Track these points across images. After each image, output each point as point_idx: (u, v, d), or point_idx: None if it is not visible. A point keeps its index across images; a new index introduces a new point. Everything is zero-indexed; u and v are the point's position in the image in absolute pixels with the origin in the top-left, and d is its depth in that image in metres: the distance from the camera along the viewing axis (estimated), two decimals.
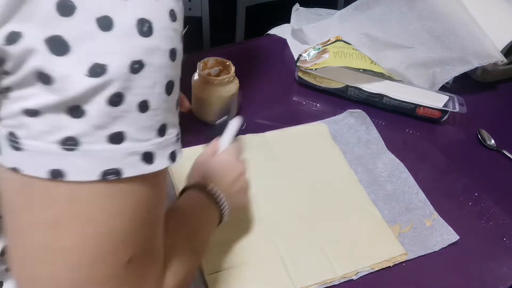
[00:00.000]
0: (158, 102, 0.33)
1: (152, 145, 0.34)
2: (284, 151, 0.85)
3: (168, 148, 0.36)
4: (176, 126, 0.37)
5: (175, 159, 0.37)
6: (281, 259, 0.68)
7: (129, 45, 0.30)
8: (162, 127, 0.34)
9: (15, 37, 0.28)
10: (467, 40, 0.98)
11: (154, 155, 0.34)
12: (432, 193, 0.80)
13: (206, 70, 0.86)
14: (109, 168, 0.32)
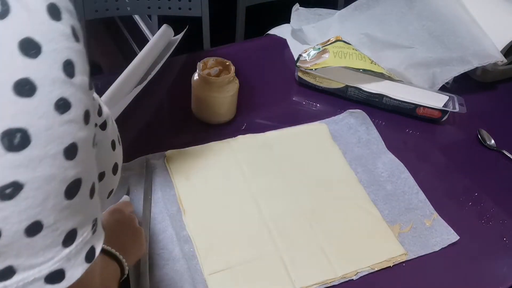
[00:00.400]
0: (56, 216, 0.28)
1: (57, 262, 0.29)
2: (284, 151, 0.85)
3: (83, 250, 0.30)
4: (92, 216, 0.31)
5: (93, 256, 0.31)
6: (281, 259, 0.68)
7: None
8: (69, 235, 0.29)
9: None
10: (467, 40, 0.98)
11: (64, 270, 0.29)
12: (432, 193, 0.80)
13: (206, 70, 0.86)
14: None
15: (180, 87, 0.94)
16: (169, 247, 0.68)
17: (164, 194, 0.75)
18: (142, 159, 0.79)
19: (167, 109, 0.94)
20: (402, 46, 1.02)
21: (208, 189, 0.76)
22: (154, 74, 0.92)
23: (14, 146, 0.25)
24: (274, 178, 0.80)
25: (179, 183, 0.77)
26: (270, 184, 0.79)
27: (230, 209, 0.74)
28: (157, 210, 0.72)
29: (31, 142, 0.25)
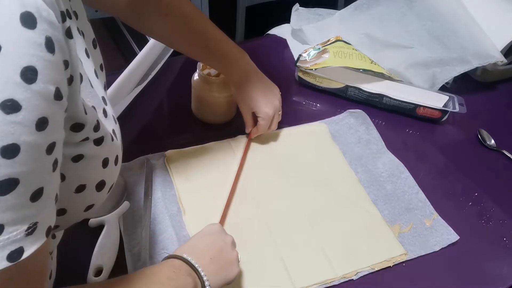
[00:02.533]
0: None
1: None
2: (284, 151, 0.85)
3: (8, 248, 0.30)
4: (30, 219, 0.31)
5: (18, 258, 0.31)
6: (281, 259, 0.68)
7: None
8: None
9: None
10: (467, 40, 0.98)
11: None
12: (432, 193, 0.80)
13: (206, 70, 0.86)
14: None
15: (180, 87, 0.94)
16: (169, 247, 0.68)
17: (164, 194, 0.75)
18: (142, 159, 0.79)
19: (167, 109, 0.94)
20: (402, 46, 1.02)
21: (208, 189, 0.76)
22: (154, 74, 0.92)
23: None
24: (274, 178, 0.80)
25: (179, 183, 0.77)
26: (270, 184, 0.79)
27: (230, 209, 0.74)
28: (157, 210, 0.72)
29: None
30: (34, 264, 0.33)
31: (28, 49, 0.28)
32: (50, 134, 0.30)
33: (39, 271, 0.35)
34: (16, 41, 0.27)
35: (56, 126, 0.31)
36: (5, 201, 0.29)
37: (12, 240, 0.30)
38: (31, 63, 0.28)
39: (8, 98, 0.27)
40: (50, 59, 0.29)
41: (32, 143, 0.29)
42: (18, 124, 0.28)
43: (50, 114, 0.30)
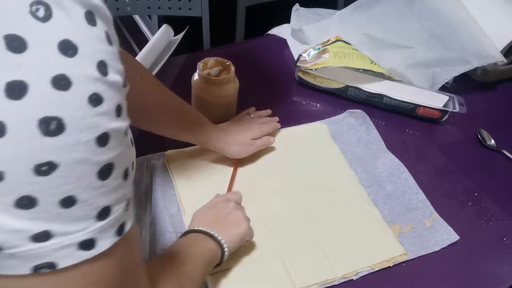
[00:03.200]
0: (90, 193, 0.31)
1: (90, 232, 0.32)
2: (284, 151, 0.85)
3: (115, 225, 0.34)
4: (126, 197, 0.35)
5: (123, 231, 0.35)
6: (281, 259, 0.68)
7: (29, 149, 0.28)
8: (103, 211, 0.33)
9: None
10: (467, 40, 0.98)
11: (94, 240, 0.33)
12: (432, 193, 0.80)
13: (206, 70, 0.86)
14: (40, 263, 0.31)
15: (180, 87, 0.94)
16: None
17: (164, 194, 0.75)
18: (142, 159, 0.79)
19: None
20: (402, 46, 1.02)
21: (208, 189, 0.76)
22: (154, 74, 0.92)
23: (50, 132, 0.28)
24: (274, 178, 0.80)
25: (179, 183, 0.77)
26: (270, 184, 0.79)
27: None
28: (157, 210, 0.72)
29: (65, 130, 0.29)
30: (132, 233, 0.37)
31: (97, 45, 0.31)
32: (124, 118, 0.34)
33: (135, 238, 0.39)
34: (88, 39, 0.30)
35: (126, 111, 0.34)
36: (107, 185, 0.32)
37: (118, 218, 0.34)
38: (102, 57, 0.31)
39: (93, 93, 0.30)
40: (112, 51, 0.32)
41: (116, 129, 0.32)
42: (104, 114, 0.31)
43: (122, 101, 0.33)
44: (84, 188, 0.31)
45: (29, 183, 0.29)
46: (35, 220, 0.30)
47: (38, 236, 0.30)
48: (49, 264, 0.31)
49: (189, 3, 1.13)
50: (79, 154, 0.30)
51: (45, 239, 0.30)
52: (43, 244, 0.30)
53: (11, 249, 0.30)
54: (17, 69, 0.27)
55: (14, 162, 0.28)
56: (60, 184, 0.30)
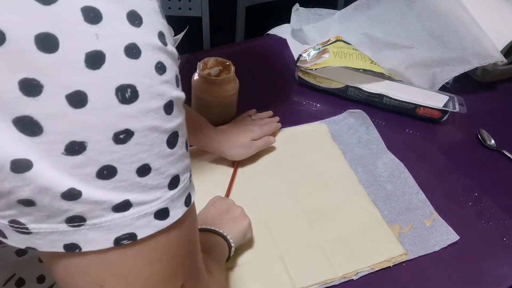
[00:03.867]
0: (161, 161, 0.32)
1: (164, 201, 0.33)
2: (284, 151, 0.85)
3: (183, 195, 0.35)
4: (189, 167, 0.36)
5: (190, 202, 0.36)
6: (281, 259, 0.68)
7: (108, 117, 0.29)
8: (173, 180, 0.34)
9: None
10: (467, 40, 0.98)
11: (168, 209, 0.34)
12: (432, 193, 0.80)
13: (206, 70, 0.86)
14: (121, 234, 0.32)
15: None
16: None
17: None
18: None
19: None
20: (402, 46, 1.02)
21: (208, 189, 0.76)
22: None
23: (126, 99, 0.29)
24: (274, 178, 0.80)
25: None
26: (270, 184, 0.79)
27: None
28: None
29: (139, 97, 0.30)
30: (194, 206, 0.38)
31: (156, 17, 0.32)
32: (181, 89, 0.34)
33: (195, 213, 0.40)
34: (149, 11, 0.31)
35: (180, 83, 0.35)
36: (174, 154, 0.33)
37: (185, 188, 0.35)
38: (160, 28, 0.31)
39: (158, 61, 0.31)
40: (165, 24, 0.33)
41: (178, 98, 0.33)
42: (168, 82, 0.32)
43: (178, 72, 0.34)
44: (156, 156, 0.32)
45: (109, 152, 0.29)
46: (115, 190, 0.30)
47: (119, 206, 0.31)
48: (130, 235, 0.32)
49: (189, 3, 1.13)
50: (151, 121, 0.30)
51: (125, 209, 0.31)
52: (124, 213, 0.31)
53: (94, 219, 0.30)
54: (95, 39, 0.28)
55: (95, 131, 0.29)
56: (136, 152, 0.30)
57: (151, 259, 0.34)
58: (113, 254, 0.32)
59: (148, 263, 0.34)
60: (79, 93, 0.28)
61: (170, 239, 0.35)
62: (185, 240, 0.37)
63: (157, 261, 0.34)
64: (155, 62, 0.31)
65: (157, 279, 0.35)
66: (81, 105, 0.28)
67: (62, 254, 0.32)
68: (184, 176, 0.35)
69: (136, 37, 0.30)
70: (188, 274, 0.38)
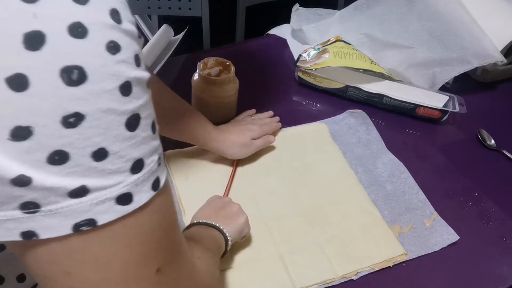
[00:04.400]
0: (120, 145, 0.31)
1: (126, 186, 0.32)
2: (284, 151, 0.85)
3: (150, 179, 0.34)
4: (157, 150, 0.35)
5: (158, 186, 0.35)
6: (281, 259, 0.68)
7: (54, 100, 0.28)
8: (136, 164, 0.32)
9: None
10: (467, 40, 0.98)
11: (131, 194, 0.32)
12: (432, 193, 0.80)
13: (206, 70, 0.86)
14: (79, 220, 0.31)
15: (180, 87, 0.94)
16: None
17: None
18: None
19: None
20: (402, 46, 1.02)
21: (208, 189, 0.76)
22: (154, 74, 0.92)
23: (73, 81, 0.28)
24: (274, 178, 0.80)
25: (179, 183, 0.77)
26: (270, 184, 0.79)
27: None
28: None
29: (88, 78, 0.28)
30: (167, 189, 0.37)
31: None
32: (144, 69, 0.33)
33: (170, 194, 0.38)
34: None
35: (144, 62, 0.33)
36: (137, 136, 0.32)
37: (152, 171, 0.34)
38: (113, 5, 0.30)
39: (110, 40, 0.29)
40: (122, 1, 0.31)
41: (138, 78, 0.31)
42: (124, 62, 0.30)
43: (139, 51, 0.32)
44: (114, 139, 0.30)
45: (58, 137, 0.28)
46: (70, 175, 0.29)
47: (75, 192, 0.30)
48: (89, 220, 0.31)
49: (189, 3, 1.13)
50: (105, 103, 0.29)
51: (82, 194, 0.30)
52: (81, 199, 0.30)
53: (49, 205, 0.30)
54: (32, 19, 0.27)
55: (41, 116, 0.27)
56: (89, 135, 0.29)
57: (118, 245, 0.33)
58: (75, 240, 0.31)
59: (116, 249, 0.33)
60: (20, 76, 0.27)
61: (138, 224, 0.34)
62: (156, 225, 0.36)
63: (126, 246, 0.34)
64: (106, 41, 0.29)
65: (128, 265, 0.34)
66: (22, 88, 0.27)
67: (28, 244, 0.31)
68: (150, 159, 0.34)
69: (82, 16, 0.28)
70: (164, 258, 0.37)
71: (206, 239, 0.58)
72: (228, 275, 0.66)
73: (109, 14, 0.30)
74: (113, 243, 0.33)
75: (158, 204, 0.35)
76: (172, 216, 0.39)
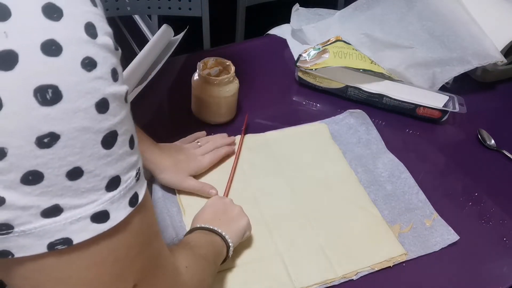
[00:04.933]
0: (95, 163, 0.30)
1: (101, 204, 0.31)
2: (284, 151, 0.85)
3: (127, 196, 0.33)
4: (135, 166, 0.34)
5: (136, 202, 0.34)
6: (281, 259, 0.68)
7: (28, 121, 0.27)
8: (111, 182, 0.32)
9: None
10: (467, 40, 0.98)
11: (108, 211, 0.32)
12: (432, 193, 0.80)
13: (206, 70, 0.86)
14: (54, 239, 0.30)
15: (180, 87, 0.94)
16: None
17: (164, 194, 0.75)
18: None
19: (167, 109, 0.94)
20: (402, 46, 1.02)
21: None
22: (154, 74, 0.92)
23: (47, 101, 0.27)
24: (274, 178, 0.80)
25: None
26: (270, 184, 0.79)
27: None
28: (157, 210, 0.72)
29: (63, 97, 0.28)
30: (146, 203, 0.36)
31: (81, 6, 0.29)
32: (122, 83, 0.32)
33: (150, 208, 0.38)
34: (71, 1, 0.29)
35: (122, 75, 0.32)
36: (113, 154, 0.31)
37: (129, 187, 0.33)
38: (88, 19, 0.29)
39: (86, 56, 0.29)
40: (98, 13, 0.30)
41: (115, 94, 0.31)
42: (100, 78, 0.29)
43: (117, 64, 0.31)
44: (89, 158, 0.30)
45: (33, 157, 0.28)
46: (43, 195, 0.29)
47: (48, 211, 0.29)
48: (64, 239, 0.30)
49: (189, 3, 1.13)
50: (80, 122, 0.29)
51: (56, 214, 0.30)
52: (55, 219, 0.30)
53: (23, 225, 0.29)
54: (4, 38, 0.26)
55: (15, 137, 0.27)
56: (64, 155, 0.29)
57: (92, 263, 0.33)
58: (50, 259, 0.31)
59: (90, 266, 0.33)
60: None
61: (113, 241, 0.33)
62: (133, 241, 0.35)
63: (100, 264, 0.33)
64: (81, 57, 0.28)
65: (102, 282, 0.34)
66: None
67: (4, 261, 0.31)
68: (128, 175, 0.33)
69: (55, 32, 0.27)
70: (142, 273, 0.37)
71: (204, 247, 0.58)
72: (228, 275, 0.66)
73: (84, 28, 0.29)
74: (88, 261, 0.33)
75: (136, 220, 0.35)
76: (151, 228, 0.38)
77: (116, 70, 0.31)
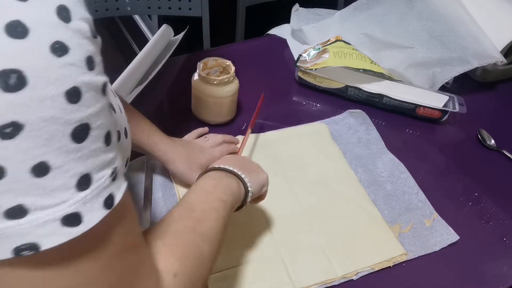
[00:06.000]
0: (63, 158, 0.27)
1: (72, 205, 0.28)
2: (284, 151, 0.85)
3: (101, 196, 0.30)
4: (110, 164, 0.31)
5: (112, 204, 0.31)
6: (281, 259, 0.68)
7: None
8: (82, 180, 0.29)
9: None
10: (467, 40, 0.98)
11: (80, 213, 0.29)
12: (432, 193, 0.80)
13: (206, 70, 0.86)
14: (20, 244, 0.27)
15: (180, 87, 0.94)
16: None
17: (164, 194, 0.75)
18: (142, 159, 0.79)
19: (167, 109, 0.94)
20: (402, 46, 1.02)
21: None
22: (154, 74, 0.92)
23: (10, 87, 0.25)
24: (274, 178, 0.80)
25: (179, 183, 0.77)
26: (270, 184, 0.79)
27: None
28: (157, 210, 0.72)
29: (28, 83, 0.25)
30: (125, 206, 0.33)
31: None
32: (99, 73, 0.30)
33: (130, 211, 0.35)
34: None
35: (101, 65, 0.30)
36: (84, 148, 0.29)
37: (102, 187, 0.30)
38: (62, 2, 0.27)
39: (56, 40, 0.26)
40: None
41: (89, 83, 0.28)
42: (71, 65, 0.27)
43: (94, 52, 0.29)
44: (57, 152, 0.27)
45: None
46: (5, 193, 0.26)
47: (12, 212, 0.27)
48: (31, 245, 0.28)
49: (189, 3, 1.13)
50: (47, 111, 0.26)
51: (20, 215, 0.27)
52: (19, 221, 0.27)
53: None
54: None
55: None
56: (28, 147, 0.26)
57: (65, 271, 0.30)
58: (17, 265, 0.29)
59: (62, 272, 0.30)
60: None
61: (89, 247, 0.31)
62: (113, 247, 0.33)
63: (75, 272, 0.31)
64: (50, 41, 0.26)
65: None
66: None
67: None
68: (100, 174, 0.30)
69: (22, 13, 0.25)
70: (119, 279, 0.34)
71: (217, 191, 0.53)
72: (228, 275, 0.66)
73: (56, 11, 0.26)
74: (59, 269, 0.30)
75: (112, 225, 0.32)
76: (130, 237, 0.35)
77: (92, 58, 0.29)
